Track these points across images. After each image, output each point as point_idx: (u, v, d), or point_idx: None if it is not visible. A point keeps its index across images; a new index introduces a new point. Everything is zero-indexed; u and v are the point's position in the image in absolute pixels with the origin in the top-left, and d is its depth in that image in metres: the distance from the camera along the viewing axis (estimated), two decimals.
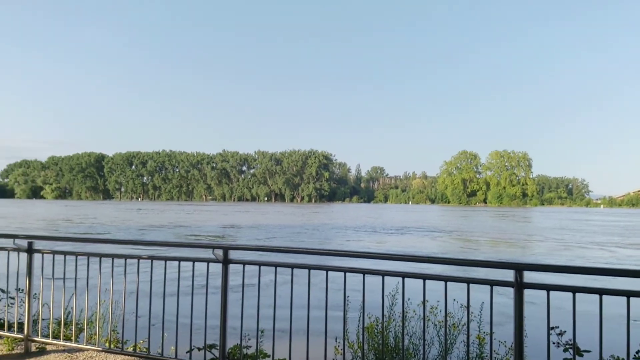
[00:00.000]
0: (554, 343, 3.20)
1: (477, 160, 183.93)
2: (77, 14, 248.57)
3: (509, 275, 3.29)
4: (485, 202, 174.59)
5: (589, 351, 3.30)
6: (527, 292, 3.20)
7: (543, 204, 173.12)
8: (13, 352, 4.88)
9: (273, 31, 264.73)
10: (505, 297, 3.51)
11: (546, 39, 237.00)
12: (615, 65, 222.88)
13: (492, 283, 3.35)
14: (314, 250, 4.84)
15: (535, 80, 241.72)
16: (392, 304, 4.70)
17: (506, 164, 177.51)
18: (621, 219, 64.11)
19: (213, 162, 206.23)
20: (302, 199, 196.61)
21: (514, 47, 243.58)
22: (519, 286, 3.18)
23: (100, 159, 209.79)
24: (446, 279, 3.52)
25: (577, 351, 3.21)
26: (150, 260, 4.49)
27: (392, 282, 4.14)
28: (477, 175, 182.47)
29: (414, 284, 3.66)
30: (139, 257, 4.57)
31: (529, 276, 3.24)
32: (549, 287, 3.14)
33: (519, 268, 3.21)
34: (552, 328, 3.18)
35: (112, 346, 4.74)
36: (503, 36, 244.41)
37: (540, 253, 22.01)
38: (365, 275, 3.80)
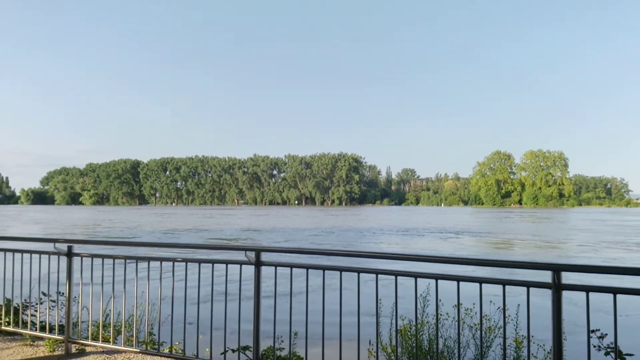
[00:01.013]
0: (594, 346, 3.10)
1: (511, 161, 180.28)
2: (105, 18, 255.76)
3: (546, 276, 3.20)
4: (520, 204, 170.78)
5: (631, 354, 3.18)
6: (566, 294, 3.11)
7: (580, 205, 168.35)
8: (54, 353, 5.03)
9: (300, 34, 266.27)
10: (542, 299, 3.42)
11: (581, 29, 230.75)
12: None
13: (529, 284, 3.26)
14: (346, 252, 4.83)
15: (570, 76, 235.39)
16: (424, 306, 4.64)
17: (541, 163, 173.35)
18: None
19: (244, 167, 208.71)
20: (333, 202, 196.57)
21: (544, 41, 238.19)
22: (557, 287, 3.09)
23: (135, 165, 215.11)
24: (481, 280, 3.45)
25: (619, 354, 3.10)
26: (184, 263, 4.56)
27: (424, 284, 4.09)
28: (512, 176, 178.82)
29: (447, 286, 3.60)
30: (174, 260, 4.65)
31: (567, 277, 3.15)
32: (588, 289, 3.04)
33: (557, 269, 3.12)
34: (593, 331, 3.07)
35: (148, 348, 4.84)
36: (530, 31, 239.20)
37: (578, 254, 21.37)
38: (398, 277, 3.77)
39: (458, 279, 3.52)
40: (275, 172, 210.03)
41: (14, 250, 5.54)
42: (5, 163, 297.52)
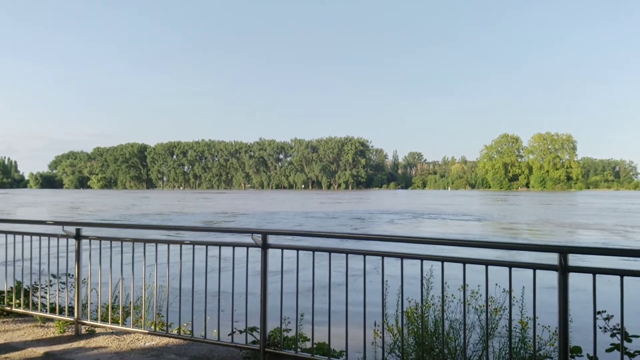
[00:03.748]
0: (600, 328, 3.10)
1: (519, 144, 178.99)
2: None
3: (552, 259, 3.20)
4: (528, 187, 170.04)
5: (638, 336, 3.19)
6: (572, 276, 3.10)
7: (588, 188, 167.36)
8: (64, 334, 5.11)
9: (304, 17, 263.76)
10: (549, 281, 3.42)
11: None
12: None
13: (535, 267, 3.26)
14: (352, 234, 4.86)
15: (577, 57, 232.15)
16: (429, 288, 4.66)
17: (549, 146, 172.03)
18: None
19: (251, 151, 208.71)
20: (339, 186, 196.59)
21: (544, 19, 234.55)
22: (564, 270, 3.09)
23: (142, 149, 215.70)
24: (487, 262, 3.45)
25: (625, 336, 3.11)
26: (192, 246, 4.60)
27: (430, 267, 4.10)
28: (519, 159, 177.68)
29: (453, 268, 3.61)
30: (181, 242, 4.69)
31: (574, 260, 3.14)
32: (594, 270, 3.03)
33: (563, 251, 3.11)
34: (599, 312, 3.07)
35: (157, 329, 4.91)
36: (531, 9, 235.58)
37: (586, 237, 21.32)
38: (404, 259, 3.78)
39: (464, 261, 3.53)
40: (281, 156, 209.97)
41: (23, 233, 5.59)
42: (19, 147, 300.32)
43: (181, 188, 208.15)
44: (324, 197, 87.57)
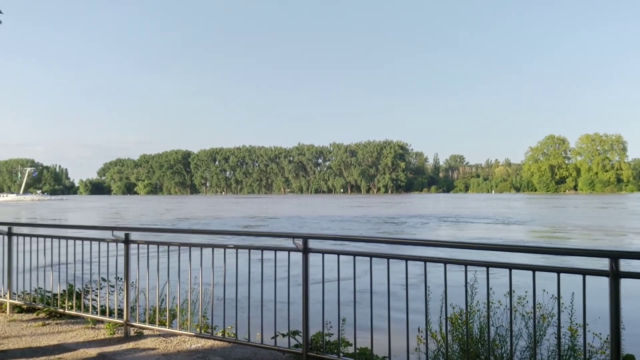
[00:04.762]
0: None
1: (566, 145, 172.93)
2: (153, 12, 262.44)
3: (603, 264, 3.08)
4: (576, 190, 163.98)
5: None
6: (624, 282, 2.98)
7: None
8: (114, 335, 5.29)
9: (343, 21, 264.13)
10: (599, 288, 3.30)
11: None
12: None
13: (585, 272, 3.15)
14: (393, 239, 4.81)
15: (624, 54, 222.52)
16: (473, 294, 4.57)
17: (598, 147, 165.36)
18: None
19: (290, 156, 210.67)
20: (378, 190, 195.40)
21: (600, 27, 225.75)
22: (615, 275, 2.97)
23: (186, 156, 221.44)
24: (534, 268, 3.36)
25: None
26: (235, 250, 4.68)
27: (474, 272, 4.03)
28: (566, 161, 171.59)
29: (498, 274, 3.53)
30: (225, 247, 4.78)
31: (626, 265, 3.02)
32: None
33: (615, 256, 2.99)
34: None
35: (202, 331, 5.01)
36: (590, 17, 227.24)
37: (638, 242, 20.38)
38: (447, 264, 3.72)
39: (510, 266, 3.44)
40: (320, 160, 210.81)
41: (75, 238, 5.84)
42: (68, 156, 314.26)
43: (223, 193, 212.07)
44: (363, 200, 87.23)
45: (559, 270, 3.29)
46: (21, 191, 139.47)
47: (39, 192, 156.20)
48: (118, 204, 79.31)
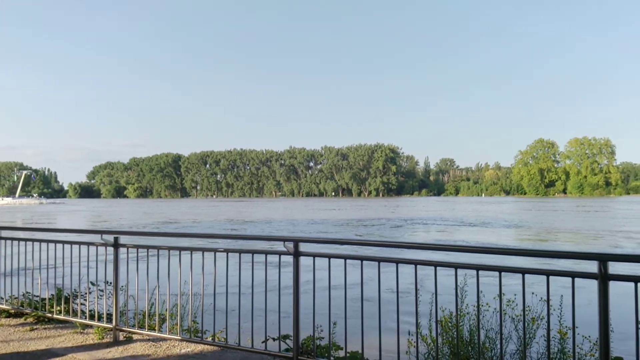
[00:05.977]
0: None
1: (555, 149, 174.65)
2: (141, 14, 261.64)
3: (592, 266, 3.11)
4: (565, 193, 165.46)
5: None
6: (612, 285, 3.01)
7: (629, 193, 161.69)
8: (103, 340, 5.24)
9: (334, 25, 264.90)
10: (588, 290, 3.32)
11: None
12: None
13: (574, 275, 3.17)
14: (384, 242, 4.82)
15: (615, 58, 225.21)
16: (463, 296, 4.59)
17: (587, 151, 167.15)
18: None
19: (281, 159, 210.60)
20: (370, 193, 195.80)
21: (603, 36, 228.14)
22: (604, 278, 3.00)
23: (177, 159, 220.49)
24: (523, 271, 3.38)
25: None
26: (225, 253, 4.66)
27: (464, 275, 4.04)
28: (555, 165, 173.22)
29: (488, 277, 3.54)
30: (215, 250, 4.76)
31: (614, 268, 3.05)
32: (637, 279, 2.93)
33: (603, 259, 3.02)
34: None
35: (192, 336, 4.98)
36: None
37: (627, 244, 20.58)
38: (437, 267, 3.73)
39: (499, 269, 3.46)
40: (311, 163, 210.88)
41: (63, 242, 5.78)
42: (57, 159, 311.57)
43: (214, 196, 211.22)
44: (354, 204, 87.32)
45: (548, 273, 3.31)
46: (17, 194, 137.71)
47: (35, 195, 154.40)
48: (104, 208, 78.72)
